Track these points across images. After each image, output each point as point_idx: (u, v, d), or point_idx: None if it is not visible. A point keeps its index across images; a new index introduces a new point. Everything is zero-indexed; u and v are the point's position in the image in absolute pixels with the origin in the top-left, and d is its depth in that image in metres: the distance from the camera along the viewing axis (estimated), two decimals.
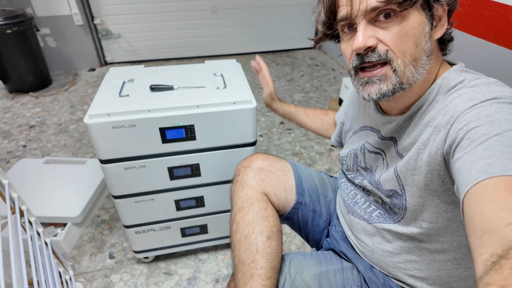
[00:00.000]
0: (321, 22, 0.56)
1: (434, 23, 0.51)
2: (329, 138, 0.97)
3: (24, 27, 2.27)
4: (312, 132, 1.02)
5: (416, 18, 0.49)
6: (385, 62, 0.51)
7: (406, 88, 0.52)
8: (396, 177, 0.57)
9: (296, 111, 1.01)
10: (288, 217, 0.80)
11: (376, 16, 0.49)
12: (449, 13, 0.53)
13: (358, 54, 0.52)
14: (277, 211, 0.76)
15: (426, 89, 0.55)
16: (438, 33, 0.53)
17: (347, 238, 0.75)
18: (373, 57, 0.50)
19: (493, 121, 0.42)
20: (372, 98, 0.53)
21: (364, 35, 0.49)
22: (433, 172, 0.50)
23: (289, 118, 1.03)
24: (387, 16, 0.49)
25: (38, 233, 0.88)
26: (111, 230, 1.39)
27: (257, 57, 1.03)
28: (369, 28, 0.50)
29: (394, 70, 0.50)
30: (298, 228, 0.83)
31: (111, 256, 1.27)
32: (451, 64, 0.57)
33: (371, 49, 0.50)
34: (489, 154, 0.39)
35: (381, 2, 0.47)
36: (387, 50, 0.50)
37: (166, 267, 1.23)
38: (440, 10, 0.51)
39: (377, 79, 0.52)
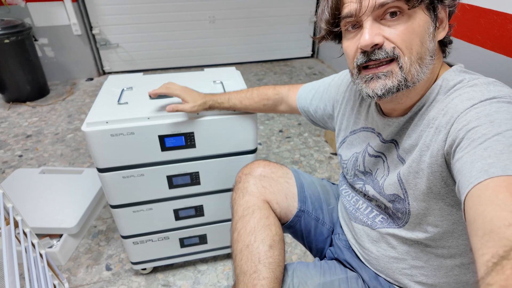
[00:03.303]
0: (325, 20, 0.55)
1: (437, 24, 0.52)
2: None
3: (22, 37, 2.27)
4: None
5: (421, 18, 0.49)
6: (391, 60, 0.50)
7: (410, 86, 0.51)
8: (399, 181, 0.57)
9: (231, 107, 0.90)
10: (291, 226, 0.78)
11: (382, 14, 0.49)
12: (449, 16, 0.54)
13: (363, 52, 0.51)
14: (279, 219, 0.74)
15: (427, 89, 0.55)
16: (441, 35, 0.53)
17: (351, 246, 0.74)
18: (380, 55, 0.50)
19: (493, 121, 0.42)
20: (377, 94, 0.52)
21: (371, 33, 0.49)
22: (435, 174, 0.50)
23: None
24: (393, 14, 0.49)
25: (33, 245, 0.86)
26: (108, 241, 1.36)
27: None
28: (375, 26, 0.49)
29: (401, 67, 0.50)
30: (301, 237, 0.81)
31: (108, 268, 1.24)
32: (451, 66, 0.57)
33: (377, 46, 0.50)
34: (489, 154, 0.39)
35: None
36: (394, 48, 0.49)
37: (164, 279, 1.20)
38: (442, 13, 0.52)
39: (383, 75, 0.51)
